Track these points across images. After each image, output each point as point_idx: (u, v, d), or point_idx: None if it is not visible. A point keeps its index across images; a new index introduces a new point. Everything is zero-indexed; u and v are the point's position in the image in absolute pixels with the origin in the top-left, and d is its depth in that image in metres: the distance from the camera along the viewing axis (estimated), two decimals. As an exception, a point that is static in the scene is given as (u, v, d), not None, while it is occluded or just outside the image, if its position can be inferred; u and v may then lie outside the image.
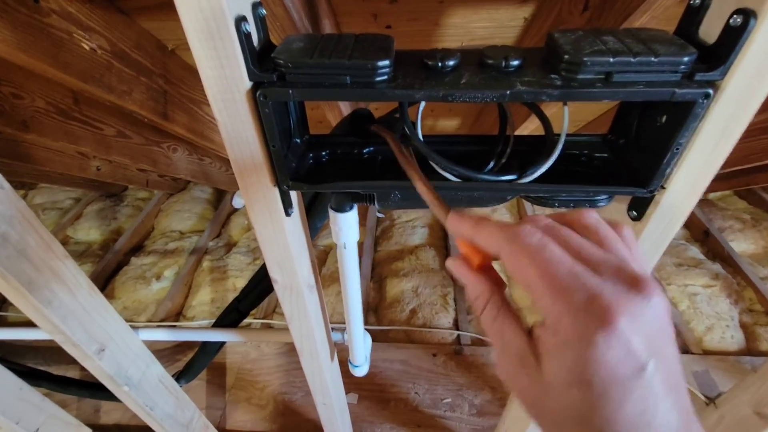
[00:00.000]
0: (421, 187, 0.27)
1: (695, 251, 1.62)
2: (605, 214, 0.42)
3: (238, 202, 1.99)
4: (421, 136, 0.36)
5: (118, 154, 1.20)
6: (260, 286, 0.69)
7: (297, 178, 0.37)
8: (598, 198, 0.37)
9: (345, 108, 0.73)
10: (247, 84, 0.30)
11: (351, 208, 0.42)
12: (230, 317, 0.74)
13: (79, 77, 0.61)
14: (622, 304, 0.18)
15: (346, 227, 0.44)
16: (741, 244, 1.64)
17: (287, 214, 0.40)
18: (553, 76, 0.30)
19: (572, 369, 0.18)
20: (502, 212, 1.84)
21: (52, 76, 0.58)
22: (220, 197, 2.09)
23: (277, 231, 0.41)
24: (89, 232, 1.89)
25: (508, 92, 0.29)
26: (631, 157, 0.38)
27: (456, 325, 1.37)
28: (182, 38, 0.86)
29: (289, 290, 0.47)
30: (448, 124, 1.30)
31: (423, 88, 0.29)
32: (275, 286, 0.47)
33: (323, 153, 0.42)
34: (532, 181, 0.36)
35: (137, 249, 1.81)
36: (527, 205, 1.82)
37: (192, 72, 0.95)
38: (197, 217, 1.95)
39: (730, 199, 1.89)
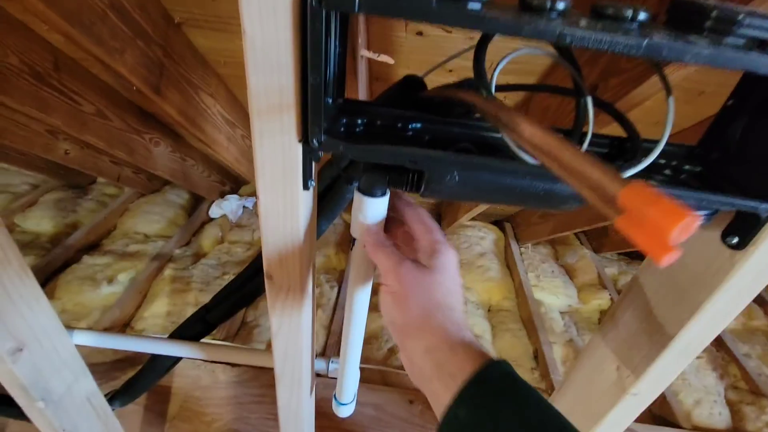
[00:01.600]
0: (552, 143, 0.19)
1: (681, 320, 1.59)
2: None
3: (215, 211, 1.86)
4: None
5: (92, 134, 1.08)
6: (237, 295, 0.58)
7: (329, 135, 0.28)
8: (700, 213, 0.30)
9: (363, 87, 0.66)
10: (296, -15, 0.22)
11: (383, 193, 0.34)
12: (194, 328, 0.61)
13: (63, 16, 0.51)
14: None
15: (373, 217, 0.35)
16: (725, 318, 1.62)
17: (305, 186, 0.31)
18: (692, 36, 0.23)
19: None
20: (490, 257, 1.78)
21: (33, 13, 0.49)
22: (197, 205, 1.95)
23: (288, 207, 0.31)
24: (40, 222, 1.69)
25: (644, 42, 0.22)
26: (732, 171, 0.31)
27: (437, 371, 1.25)
28: (191, 12, 0.79)
29: (285, 291, 0.37)
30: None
31: (531, 22, 0.22)
32: (268, 285, 0.37)
33: (359, 121, 0.33)
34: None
35: (93, 247, 1.62)
36: (516, 256, 1.77)
37: (195, 54, 0.87)
38: (167, 221, 1.80)
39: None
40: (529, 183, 0.28)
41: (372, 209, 0.34)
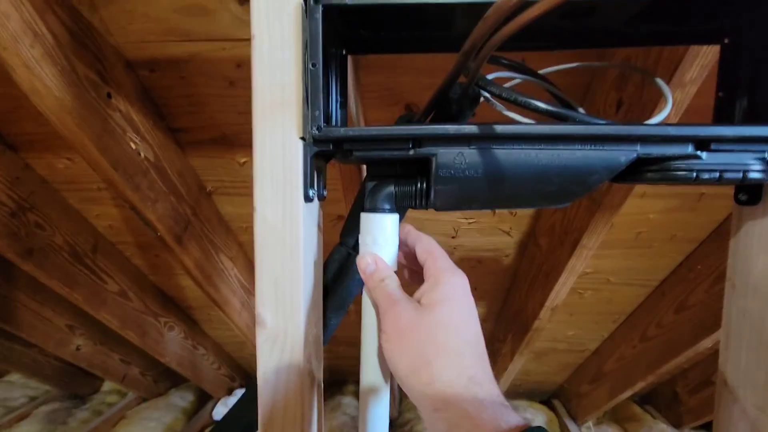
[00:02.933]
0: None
1: None
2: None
3: (220, 411, 1.65)
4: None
5: (108, 312, 1.08)
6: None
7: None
8: (752, 164, 0.26)
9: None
10: (300, -4, 0.28)
11: (391, 208, 0.31)
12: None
13: (111, 163, 0.60)
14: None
15: (382, 241, 0.31)
16: None
17: (307, 197, 0.29)
18: None
19: None
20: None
21: (86, 157, 0.58)
22: (201, 406, 1.74)
23: (287, 219, 0.29)
24: (24, 438, 1.50)
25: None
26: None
27: None
28: (222, 180, 0.91)
29: (280, 343, 0.29)
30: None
31: None
32: (259, 336, 0.30)
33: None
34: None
35: (71, 466, 1.37)
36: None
37: (220, 220, 0.96)
38: (164, 427, 1.57)
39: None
40: (551, 153, 0.27)
41: (379, 229, 0.31)
